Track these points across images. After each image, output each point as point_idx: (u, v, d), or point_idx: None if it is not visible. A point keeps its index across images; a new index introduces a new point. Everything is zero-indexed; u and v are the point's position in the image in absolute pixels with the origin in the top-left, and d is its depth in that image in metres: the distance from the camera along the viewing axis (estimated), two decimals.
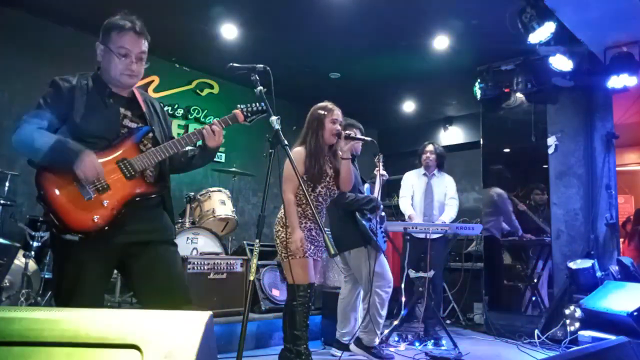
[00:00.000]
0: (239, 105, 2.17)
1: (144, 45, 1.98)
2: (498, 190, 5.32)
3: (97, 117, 1.90)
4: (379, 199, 3.65)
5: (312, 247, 2.88)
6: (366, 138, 3.18)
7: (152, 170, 2.01)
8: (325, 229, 2.84)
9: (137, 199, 1.93)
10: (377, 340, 3.50)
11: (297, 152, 2.91)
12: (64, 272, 1.87)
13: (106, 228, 1.84)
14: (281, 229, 2.86)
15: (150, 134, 2.02)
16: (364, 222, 3.47)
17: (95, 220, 1.81)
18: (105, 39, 1.94)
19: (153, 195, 2.00)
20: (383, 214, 3.77)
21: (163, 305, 1.83)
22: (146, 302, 1.99)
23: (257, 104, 2.18)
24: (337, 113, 2.97)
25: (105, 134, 1.90)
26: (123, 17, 1.96)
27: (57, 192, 1.80)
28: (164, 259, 2.00)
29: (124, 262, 1.98)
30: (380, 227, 3.66)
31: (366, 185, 3.87)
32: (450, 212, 4.56)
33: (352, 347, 3.55)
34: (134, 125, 2.00)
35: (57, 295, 1.93)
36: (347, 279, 3.71)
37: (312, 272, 2.87)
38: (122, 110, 1.99)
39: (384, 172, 4.14)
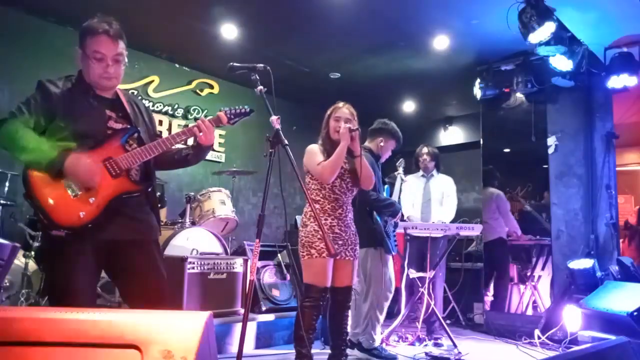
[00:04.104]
0: (222, 108, 2.20)
1: (120, 47, 1.98)
2: (495, 190, 5.31)
3: (83, 118, 1.95)
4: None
5: (335, 247, 2.75)
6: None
7: (137, 169, 2.06)
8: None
9: (123, 196, 1.97)
10: (377, 342, 3.49)
11: (313, 146, 2.93)
12: (56, 270, 1.91)
13: (92, 224, 1.88)
14: (301, 229, 2.85)
15: (135, 134, 2.07)
16: (380, 223, 3.44)
17: (81, 216, 1.85)
18: (82, 43, 1.97)
19: (137, 193, 2.04)
20: (398, 220, 3.74)
21: (143, 302, 1.91)
22: (128, 300, 2.06)
23: (241, 106, 2.21)
24: (343, 111, 2.92)
25: (92, 135, 1.94)
26: (99, 20, 1.98)
27: (44, 189, 1.84)
28: (146, 258, 2.06)
29: (109, 261, 2.02)
30: (394, 231, 3.65)
31: (385, 187, 3.87)
32: (447, 211, 4.54)
33: (355, 352, 3.55)
34: (119, 125, 2.04)
35: (50, 293, 1.97)
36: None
37: (330, 274, 2.79)
38: (107, 111, 2.03)
39: (405, 178, 4.17)
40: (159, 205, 2.31)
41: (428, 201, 4.59)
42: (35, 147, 1.82)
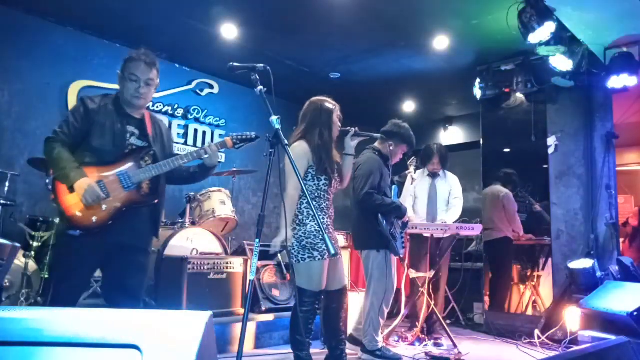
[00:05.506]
0: (231, 134, 2.52)
1: (152, 74, 2.35)
2: (503, 190, 5.25)
3: (107, 134, 2.28)
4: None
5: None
6: (374, 135, 3.15)
7: (149, 183, 2.34)
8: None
9: (132, 206, 2.28)
10: (379, 343, 3.48)
11: (299, 146, 2.78)
12: (63, 257, 2.27)
13: (102, 228, 2.20)
14: (297, 227, 2.74)
15: (151, 152, 2.38)
16: (385, 225, 3.42)
17: (94, 220, 2.20)
18: (123, 67, 2.36)
19: (145, 205, 2.35)
20: (407, 220, 3.71)
21: (119, 296, 2.28)
22: (106, 292, 2.40)
23: (247, 133, 2.51)
24: (339, 109, 2.97)
25: (112, 150, 2.28)
26: (139, 50, 2.38)
27: (65, 196, 2.20)
28: (132, 260, 2.35)
29: (107, 259, 2.31)
30: (401, 232, 3.62)
31: (394, 186, 3.85)
32: (454, 212, 4.48)
33: (359, 354, 3.54)
34: (139, 142, 2.37)
35: (50, 277, 2.35)
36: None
37: (325, 277, 2.76)
38: (131, 128, 2.36)
39: (415, 176, 4.11)
40: None
41: (434, 202, 4.52)
42: (63, 166, 2.18)
